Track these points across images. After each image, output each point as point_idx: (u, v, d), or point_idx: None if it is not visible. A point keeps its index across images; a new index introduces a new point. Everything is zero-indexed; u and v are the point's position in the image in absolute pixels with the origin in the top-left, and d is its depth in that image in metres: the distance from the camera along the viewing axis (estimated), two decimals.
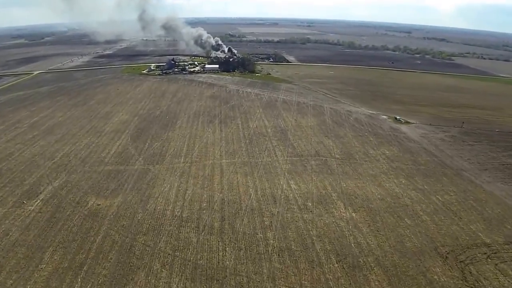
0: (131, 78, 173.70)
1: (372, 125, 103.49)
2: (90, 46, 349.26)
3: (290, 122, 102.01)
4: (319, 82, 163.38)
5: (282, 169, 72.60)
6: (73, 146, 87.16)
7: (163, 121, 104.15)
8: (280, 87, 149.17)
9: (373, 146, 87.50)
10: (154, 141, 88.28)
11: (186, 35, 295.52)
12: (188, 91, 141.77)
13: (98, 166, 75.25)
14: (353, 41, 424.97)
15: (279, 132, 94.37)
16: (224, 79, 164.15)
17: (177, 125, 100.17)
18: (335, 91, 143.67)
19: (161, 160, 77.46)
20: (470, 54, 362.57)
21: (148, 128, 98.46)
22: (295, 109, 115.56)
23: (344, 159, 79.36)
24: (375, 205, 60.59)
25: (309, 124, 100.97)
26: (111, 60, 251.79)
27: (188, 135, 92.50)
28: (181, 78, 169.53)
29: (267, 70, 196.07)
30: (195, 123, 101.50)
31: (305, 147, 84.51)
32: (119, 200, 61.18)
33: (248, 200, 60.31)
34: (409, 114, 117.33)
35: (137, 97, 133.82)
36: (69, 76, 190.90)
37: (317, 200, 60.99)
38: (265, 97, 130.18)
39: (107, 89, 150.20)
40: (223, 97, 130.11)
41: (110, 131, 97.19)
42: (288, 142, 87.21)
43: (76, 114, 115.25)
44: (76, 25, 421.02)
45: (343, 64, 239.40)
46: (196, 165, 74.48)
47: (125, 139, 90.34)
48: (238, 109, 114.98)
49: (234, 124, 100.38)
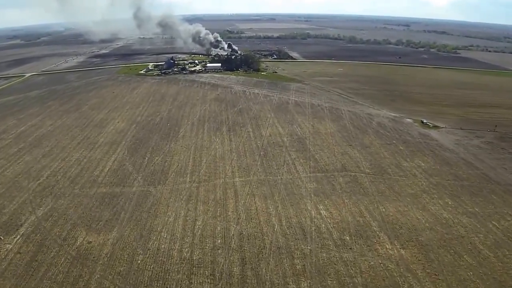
0: (128, 79, 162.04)
1: (399, 130, 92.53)
2: (85, 46, 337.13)
3: (307, 129, 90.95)
4: (330, 80, 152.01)
5: (307, 190, 61.70)
6: (62, 162, 76.11)
7: (164, 130, 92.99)
8: (290, 87, 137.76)
9: (405, 156, 76.63)
10: (155, 155, 77.19)
11: (184, 32, 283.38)
12: (190, 93, 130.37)
13: (90, 188, 64.25)
14: (353, 35, 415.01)
15: (296, 141, 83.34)
16: (228, 79, 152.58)
17: (180, 134, 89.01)
18: (350, 91, 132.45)
19: (163, 179, 66.46)
20: (474, 47, 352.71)
21: (147, 138, 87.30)
22: (310, 112, 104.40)
23: (375, 174, 68.50)
24: (425, 238, 49.80)
25: (329, 131, 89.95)
26: (107, 60, 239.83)
27: (193, 146, 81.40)
28: (182, 78, 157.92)
29: (272, 68, 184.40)
30: (200, 132, 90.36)
31: (329, 160, 73.57)
32: (114, 236, 50.25)
33: (272, 234, 49.43)
34: (434, 117, 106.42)
35: (134, 101, 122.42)
36: (62, 78, 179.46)
37: (356, 232, 50.17)
38: (275, 99, 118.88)
39: (102, 93, 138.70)
40: (229, 100, 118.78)
41: (104, 142, 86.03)
42: (308, 154, 76.21)
43: (67, 122, 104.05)
44: (73, 25, 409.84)
45: (350, 60, 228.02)
46: (205, 186, 63.50)
47: (121, 153, 79.24)
48: (247, 113, 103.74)
49: (244, 132, 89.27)
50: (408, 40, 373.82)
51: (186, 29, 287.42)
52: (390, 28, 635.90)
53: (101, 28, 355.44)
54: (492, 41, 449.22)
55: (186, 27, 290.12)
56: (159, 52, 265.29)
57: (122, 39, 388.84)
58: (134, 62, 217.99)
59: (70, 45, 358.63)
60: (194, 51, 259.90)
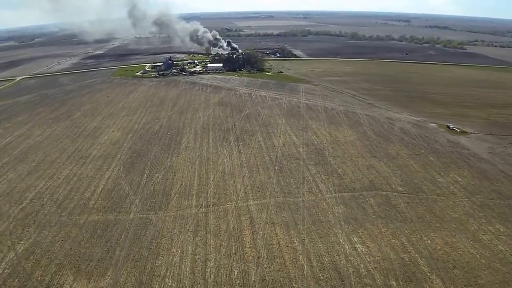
0: (124, 82, 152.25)
1: (425, 137, 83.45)
2: (80, 46, 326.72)
3: (323, 137, 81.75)
4: (340, 80, 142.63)
5: (335, 215, 52.59)
6: (49, 181, 66.79)
7: (164, 140, 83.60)
8: (298, 88, 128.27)
9: (439, 170, 67.58)
10: (154, 171, 67.88)
11: (181, 31, 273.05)
12: (191, 97, 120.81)
13: (80, 215, 54.98)
14: (355, 31, 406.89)
15: (313, 152, 74.13)
16: (232, 81, 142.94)
17: (183, 145, 79.64)
18: (364, 92, 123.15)
19: (165, 202, 57.21)
20: (479, 42, 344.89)
21: (146, 150, 77.91)
22: (325, 117, 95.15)
23: (409, 193, 59.47)
24: (485, 280, 40.83)
25: (348, 139, 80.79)
26: (102, 61, 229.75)
27: (198, 159, 72.10)
28: (181, 80, 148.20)
29: (276, 67, 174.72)
30: (205, 142, 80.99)
31: (354, 175, 64.47)
32: (108, 283, 41.05)
33: (302, 280, 40.28)
34: (459, 120, 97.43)
35: (130, 107, 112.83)
36: (54, 81, 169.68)
37: (403, 275, 41.12)
38: (284, 102, 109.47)
39: (96, 97, 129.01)
40: (234, 104, 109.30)
41: (97, 156, 76.63)
42: (329, 168, 67.07)
43: (57, 132, 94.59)
44: (68, 25, 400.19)
45: (356, 58, 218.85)
46: (215, 211, 54.28)
47: (116, 169, 69.88)
48: (256, 119, 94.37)
49: (254, 141, 79.96)
50: (411, 36, 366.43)
51: (183, 27, 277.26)
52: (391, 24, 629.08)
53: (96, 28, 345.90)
54: (496, 35, 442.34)
55: (183, 26, 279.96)
56: (156, 52, 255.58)
57: (118, 38, 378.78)
58: (130, 63, 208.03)
59: (65, 46, 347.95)
60: (192, 51, 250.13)
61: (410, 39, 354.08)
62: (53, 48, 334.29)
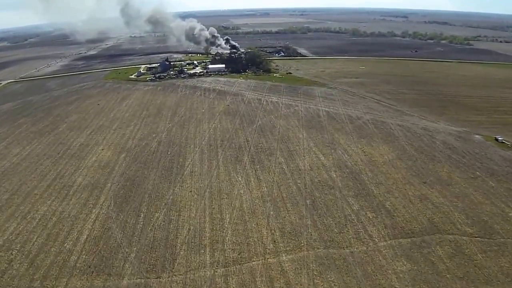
0: (116, 86, 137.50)
1: (474, 154, 70.14)
2: (73, 47, 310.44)
3: (356, 156, 68.20)
4: (357, 82, 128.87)
5: (399, 276, 39.22)
6: (22, 222, 52.93)
7: (163, 162, 69.63)
8: (313, 92, 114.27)
9: (505, 200, 54.41)
10: (153, 208, 54.04)
11: (177, 29, 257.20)
12: (193, 104, 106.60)
13: (58, 279, 41.27)
14: (356, 28, 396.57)
15: (349, 177, 60.63)
16: (237, 84, 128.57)
17: (187, 169, 65.73)
18: (388, 96, 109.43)
19: (169, 258, 43.45)
20: (483, 38, 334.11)
21: (142, 177, 63.92)
22: (351, 129, 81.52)
23: (482, 236, 46.30)
24: None
25: (386, 158, 67.33)
26: (94, 62, 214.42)
27: (207, 190, 58.30)
28: (180, 84, 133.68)
29: (283, 67, 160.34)
30: (214, 164, 67.10)
31: (407, 212, 51.11)
32: None
33: None
34: (504, 130, 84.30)
35: (123, 117, 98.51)
36: (41, 86, 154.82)
37: None
38: (300, 110, 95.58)
39: (85, 105, 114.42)
40: (243, 113, 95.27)
41: (83, 185, 62.62)
42: (374, 201, 53.62)
43: (38, 150, 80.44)
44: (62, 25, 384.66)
45: (365, 56, 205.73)
46: (237, 273, 40.64)
47: (105, 204, 55.98)
48: (271, 133, 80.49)
49: (274, 163, 66.21)
50: (415, 32, 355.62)
51: (179, 25, 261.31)
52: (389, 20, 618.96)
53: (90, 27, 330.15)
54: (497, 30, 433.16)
55: (179, 23, 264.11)
56: (152, 51, 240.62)
57: (112, 38, 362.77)
58: (124, 65, 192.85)
59: (57, 46, 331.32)
60: (190, 50, 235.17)
61: (414, 35, 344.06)
62: (46, 48, 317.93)
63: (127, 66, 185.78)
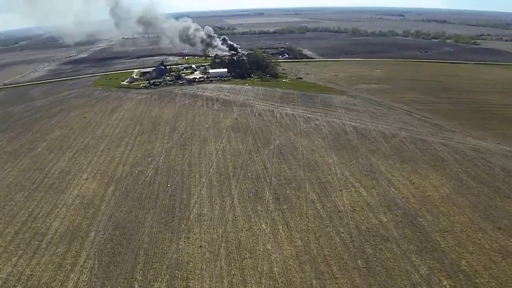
0: (106, 95, 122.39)
1: None
2: (63, 50, 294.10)
3: (405, 189, 54.39)
4: (378, 89, 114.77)
5: None
6: None
7: (162, 198, 55.17)
8: (332, 101, 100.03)
9: None
10: (151, 276, 39.60)
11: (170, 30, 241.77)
12: (194, 117, 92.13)
13: None
14: (355, 27, 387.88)
15: (404, 222, 46.73)
16: (243, 92, 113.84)
17: (193, 211, 51.30)
18: (418, 106, 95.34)
19: None
20: (486, 36, 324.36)
21: (135, 222, 49.38)
22: (389, 150, 67.64)
23: None
24: None
25: (442, 192, 53.57)
26: (83, 66, 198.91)
27: (223, 246, 43.89)
28: (178, 92, 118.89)
29: (291, 71, 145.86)
30: (228, 204, 52.65)
31: (493, 277, 37.36)
32: None
33: None
34: None
35: (113, 134, 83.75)
36: (24, 94, 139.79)
37: None
38: (322, 125, 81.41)
39: (69, 118, 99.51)
40: (254, 129, 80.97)
41: (60, 233, 48.08)
42: (446, 260, 39.69)
43: (10, 178, 65.94)
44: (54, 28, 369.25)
45: (373, 57, 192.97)
46: None
47: (87, 266, 41.52)
48: (293, 156, 66.27)
49: (304, 200, 52.05)
50: (417, 31, 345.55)
51: (172, 25, 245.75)
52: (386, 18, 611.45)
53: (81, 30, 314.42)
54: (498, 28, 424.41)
55: (172, 24, 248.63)
56: (145, 54, 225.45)
57: (104, 40, 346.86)
58: (115, 69, 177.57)
59: (47, 49, 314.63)
60: (186, 52, 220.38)
61: (416, 34, 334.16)
62: (35, 52, 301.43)
63: (119, 71, 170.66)
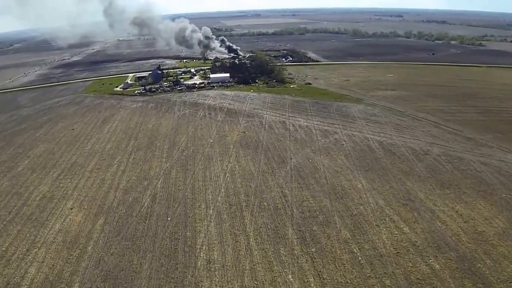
0: (98, 102, 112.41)
1: None
2: (57, 52, 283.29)
3: (453, 222, 45.01)
4: (397, 96, 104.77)
5: None
6: None
7: (162, 236, 45.36)
8: (349, 111, 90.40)
9: None
10: None
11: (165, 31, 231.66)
12: (196, 129, 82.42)
13: None
14: (356, 28, 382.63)
15: (461, 270, 37.19)
16: (249, 99, 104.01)
17: (199, 255, 41.60)
18: (445, 117, 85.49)
19: None
20: (489, 37, 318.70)
21: (129, 271, 39.63)
22: (424, 172, 58.23)
23: None
24: None
25: (496, 226, 44.13)
26: (75, 70, 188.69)
27: None
28: (177, 99, 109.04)
29: (298, 76, 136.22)
30: (242, 244, 42.92)
31: None
32: None
33: None
34: None
35: (104, 151, 73.84)
36: (11, 102, 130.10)
37: None
38: (343, 140, 71.78)
39: (56, 130, 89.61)
40: (266, 144, 71.32)
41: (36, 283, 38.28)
42: None
43: None
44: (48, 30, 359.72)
45: (381, 60, 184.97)
46: None
47: None
48: (315, 179, 56.67)
49: (336, 240, 42.54)
50: (419, 32, 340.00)
51: (167, 27, 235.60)
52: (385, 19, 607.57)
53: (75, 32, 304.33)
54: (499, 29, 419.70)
55: (168, 25, 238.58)
56: (140, 57, 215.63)
57: (98, 42, 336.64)
58: (109, 73, 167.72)
59: (41, 52, 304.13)
60: (183, 55, 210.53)
61: (419, 36, 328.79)
62: (28, 55, 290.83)
63: (113, 75, 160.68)
